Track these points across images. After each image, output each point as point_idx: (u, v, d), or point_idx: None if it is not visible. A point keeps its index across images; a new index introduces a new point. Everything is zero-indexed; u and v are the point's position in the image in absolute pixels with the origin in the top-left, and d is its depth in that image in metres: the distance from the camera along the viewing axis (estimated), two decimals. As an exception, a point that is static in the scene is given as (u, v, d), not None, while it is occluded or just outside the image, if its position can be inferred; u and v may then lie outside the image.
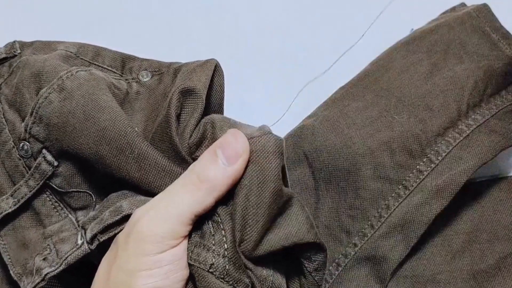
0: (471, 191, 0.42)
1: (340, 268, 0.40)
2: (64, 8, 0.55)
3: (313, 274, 0.33)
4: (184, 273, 0.30)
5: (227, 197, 0.31)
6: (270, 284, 0.32)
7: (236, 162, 0.30)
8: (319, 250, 0.33)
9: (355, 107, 0.43)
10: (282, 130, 0.44)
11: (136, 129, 0.34)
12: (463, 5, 0.48)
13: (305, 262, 0.33)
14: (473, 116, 0.41)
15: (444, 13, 0.48)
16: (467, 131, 0.40)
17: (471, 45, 0.43)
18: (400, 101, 0.41)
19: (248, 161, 0.31)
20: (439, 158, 0.39)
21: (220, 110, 0.37)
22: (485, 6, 0.45)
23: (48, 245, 0.35)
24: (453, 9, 0.48)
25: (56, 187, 0.36)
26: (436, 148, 0.40)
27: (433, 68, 0.42)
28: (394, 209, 0.40)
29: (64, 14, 0.55)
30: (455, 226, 0.42)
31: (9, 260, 0.36)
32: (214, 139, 0.32)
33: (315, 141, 0.42)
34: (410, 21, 0.48)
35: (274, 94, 0.51)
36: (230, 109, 0.40)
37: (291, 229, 0.31)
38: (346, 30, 0.52)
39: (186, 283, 0.31)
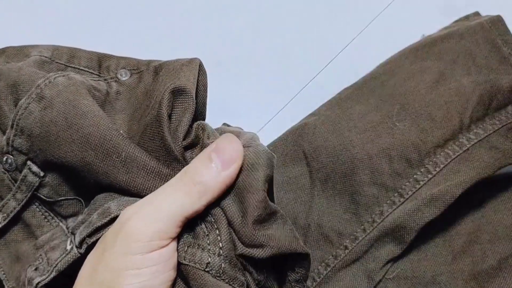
0: (472, 191, 0.41)
1: (328, 268, 0.41)
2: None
3: (293, 284, 0.33)
4: (171, 274, 0.30)
5: (220, 198, 0.31)
6: (263, 285, 0.33)
7: (230, 167, 0.30)
8: (303, 263, 0.33)
9: (358, 110, 0.42)
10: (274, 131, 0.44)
11: (121, 131, 0.33)
12: (477, 14, 0.48)
13: (289, 271, 0.33)
14: (475, 130, 0.40)
15: (457, 21, 0.48)
16: (467, 145, 0.40)
17: (481, 57, 0.42)
18: (403, 108, 0.41)
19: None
20: (437, 169, 0.39)
21: (203, 110, 0.37)
22: (498, 18, 0.44)
23: (40, 255, 0.34)
24: (467, 18, 0.47)
25: (44, 198, 0.36)
26: (434, 159, 0.40)
27: (439, 77, 0.42)
28: (388, 216, 0.40)
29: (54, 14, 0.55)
30: (456, 227, 0.42)
31: (4, 275, 0.36)
32: (203, 145, 0.32)
33: (315, 141, 0.42)
34: (422, 27, 0.48)
35: (268, 95, 0.51)
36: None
37: (283, 238, 0.31)
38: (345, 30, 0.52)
39: (173, 285, 0.31)
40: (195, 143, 0.33)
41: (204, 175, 0.30)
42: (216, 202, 0.31)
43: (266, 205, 0.31)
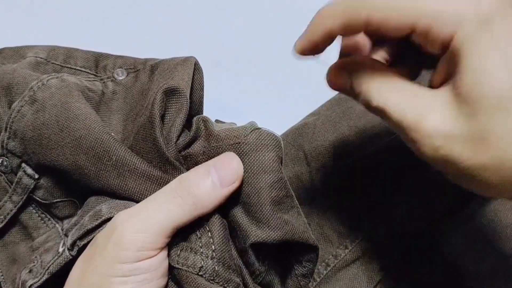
0: (472, 192, 0.41)
1: (328, 268, 0.41)
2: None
3: (299, 279, 0.33)
4: (160, 282, 0.30)
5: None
6: (261, 280, 0.33)
7: (228, 186, 0.30)
8: (311, 257, 0.33)
9: (358, 109, 0.42)
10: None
11: (112, 134, 0.33)
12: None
13: (296, 265, 0.33)
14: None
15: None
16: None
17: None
18: (403, 108, 0.41)
19: (243, 154, 0.30)
20: (437, 168, 0.39)
21: (200, 109, 0.36)
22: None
23: (35, 257, 0.34)
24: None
25: (40, 200, 0.36)
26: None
27: (440, 77, 0.42)
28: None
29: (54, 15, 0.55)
30: (455, 227, 0.42)
31: (2, 277, 0.36)
32: (208, 134, 0.32)
33: (315, 141, 0.42)
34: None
35: (267, 95, 0.51)
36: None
37: (297, 226, 0.31)
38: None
39: None
40: (197, 135, 0.33)
41: (200, 189, 0.29)
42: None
43: (283, 186, 0.30)
